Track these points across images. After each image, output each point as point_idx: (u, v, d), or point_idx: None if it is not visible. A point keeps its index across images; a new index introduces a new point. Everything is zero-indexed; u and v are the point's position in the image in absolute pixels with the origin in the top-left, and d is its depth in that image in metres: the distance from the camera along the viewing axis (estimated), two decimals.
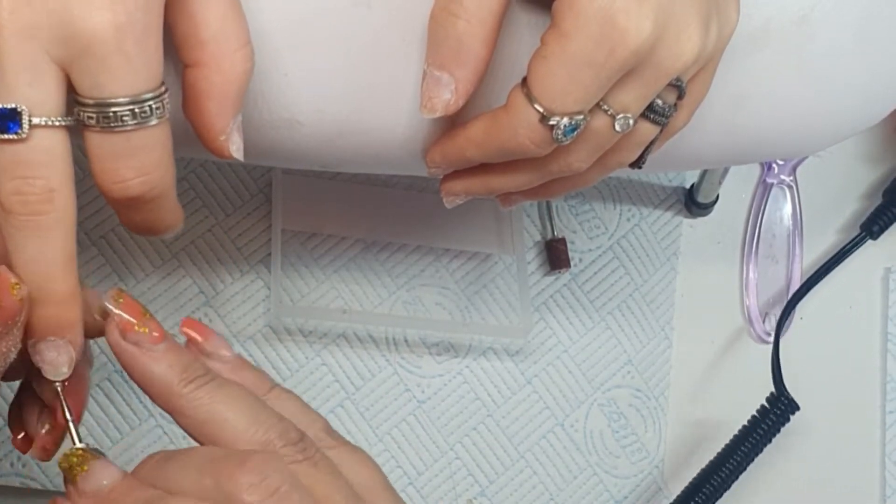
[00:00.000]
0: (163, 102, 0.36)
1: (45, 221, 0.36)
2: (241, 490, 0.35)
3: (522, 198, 0.48)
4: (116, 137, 0.36)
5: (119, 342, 0.38)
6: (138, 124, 0.36)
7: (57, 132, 0.35)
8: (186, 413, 0.38)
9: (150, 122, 0.36)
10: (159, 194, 0.38)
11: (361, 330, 0.69)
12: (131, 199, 0.37)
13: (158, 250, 0.66)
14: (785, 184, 0.78)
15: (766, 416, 0.67)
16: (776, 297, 0.77)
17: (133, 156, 0.36)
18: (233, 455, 0.36)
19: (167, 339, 0.39)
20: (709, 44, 0.41)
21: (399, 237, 0.70)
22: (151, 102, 0.36)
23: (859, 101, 0.51)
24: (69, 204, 0.36)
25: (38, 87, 0.35)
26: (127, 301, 0.38)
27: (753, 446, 0.67)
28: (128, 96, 0.35)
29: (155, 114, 0.36)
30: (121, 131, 0.36)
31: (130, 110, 0.35)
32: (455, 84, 0.40)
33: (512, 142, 0.41)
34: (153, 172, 0.37)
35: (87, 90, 0.35)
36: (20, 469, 0.63)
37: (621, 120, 0.41)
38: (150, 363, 0.38)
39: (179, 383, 0.38)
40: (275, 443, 0.38)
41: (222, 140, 0.39)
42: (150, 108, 0.36)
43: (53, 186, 0.36)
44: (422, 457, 0.69)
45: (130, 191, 0.37)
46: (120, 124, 0.35)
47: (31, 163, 0.35)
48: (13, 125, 0.35)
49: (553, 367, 0.72)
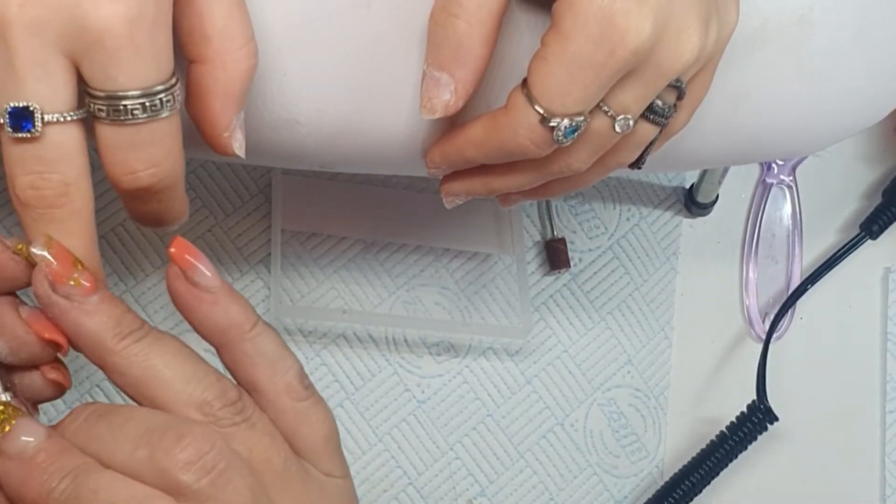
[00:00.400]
0: (173, 95, 0.36)
1: (61, 214, 0.36)
2: (177, 468, 0.35)
3: (522, 197, 0.48)
4: (127, 129, 0.36)
5: (49, 295, 0.37)
6: (149, 117, 0.36)
7: (70, 127, 0.36)
8: (120, 370, 0.37)
9: (161, 114, 0.36)
10: (169, 185, 0.38)
11: (361, 330, 0.69)
12: (141, 191, 0.37)
13: (158, 250, 0.66)
14: (784, 184, 0.78)
15: (743, 425, 0.68)
16: (776, 297, 0.77)
17: (143, 148, 0.36)
18: (170, 428, 0.35)
19: (100, 289, 0.37)
20: (708, 44, 0.41)
21: (399, 237, 0.70)
22: (162, 95, 0.36)
23: (858, 101, 0.51)
24: (85, 196, 0.37)
25: (50, 81, 0.35)
26: (58, 248, 0.37)
27: (727, 454, 0.68)
28: (139, 89, 0.35)
29: (166, 106, 0.36)
30: (131, 124, 0.36)
31: (141, 103, 0.35)
32: (455, 85, 0.40)
33: (512, 143, 0.41)
34: (163, 164, 0.37)
35: (98, 83, 0.35)
36: None
37: (621, 121, 0.41)
38: (81, 317, 0.37)
39: (113, 339, 0.37)
40: (212, 403, 0.37)
41: (226, 137, 0.39)
42: (160, 101, 0.36)
43: (69, 181, 0.36)
44: (422, 457, 0.69)
45: (140, 182, 0.37)
46: (131, 117, 0.35)
47: (46, 159, 0.35)
48: (26, 124, 0.35)
49: (553, 367, 0.72)
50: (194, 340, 0.65)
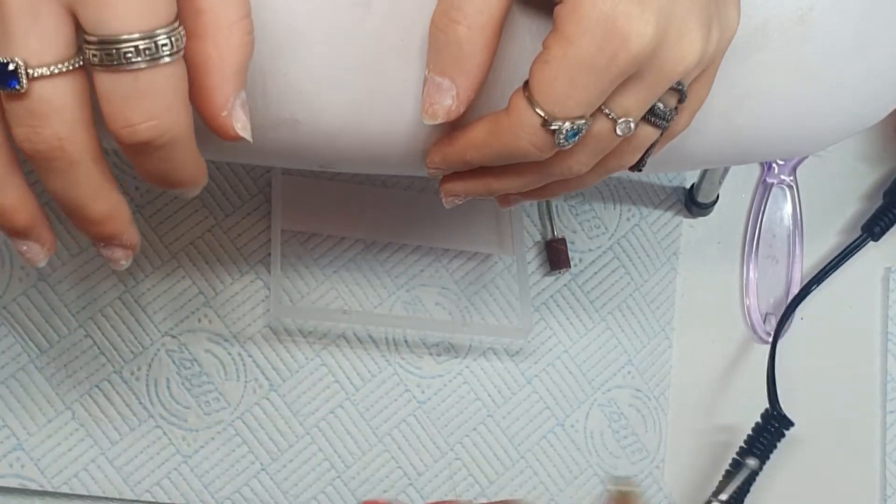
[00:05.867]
0: (172, 39, 0.34)
1: (60, 165, 0.36)
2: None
3: (521, 198, 0.48)
4: (123, 77, 0.34)
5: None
6: (146, 62, 0.34)
7: (60, 80, 0.35)
8: None
9: (160, 60, 0.34)
10: (171, 140, 0.36)
11: (361, 330, 0.69)
12: (141, 145, 0.36)
13: (158, 251, 0.66)
14: (785, 184, 0.78)
15: (760, 436, 0.68)
16: (777, 297, 0.77)
17: (142, 98, 0.35)
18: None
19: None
20: (710, 47, 0.41)
21: (399, 237, 0.70)
22: (160, 38, 0.34)
23: (859, 101, 0.51)
24: (84, 147, 0.36)
25: (39, 32, 0.34)
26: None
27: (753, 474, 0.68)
28: (132, 32, 0.34)
29: (163, 51, 0.34)
30: (127, 71, 0.34)
31: (135, 47, 0.34)
32: (456, 90, 0.40)
33: (513, 146, 0.41)
34: (164, 117, 0.35)
35: (91, 27, 0.34)
36: (19, 470, 0.63)
37: (622, 124, 0.41)
38: None
39: None
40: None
41: (224, 117, 0.37)
42: (155, 45, 0.34)
43: (61, 135, 0.35)
44: (422, 457, 0.69)
45: (139, 135, 0.35)
46: (125, 62, 0.34)
47: (35, 113, 0.35)
48: (11, 81, 0.34)
49: (553, 368, 0.72)
50: (195, 342, 0.66)
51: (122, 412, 0.64)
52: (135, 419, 0.65)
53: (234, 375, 0.66)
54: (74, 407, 0.64)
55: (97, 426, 0.64)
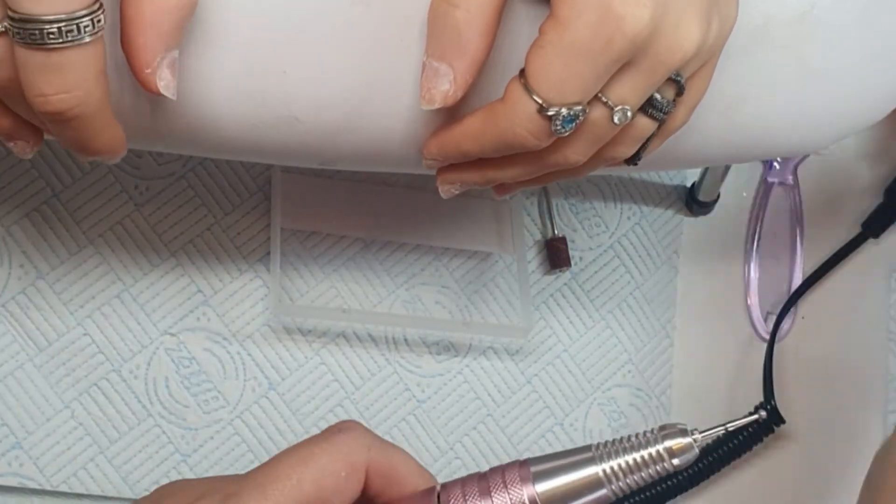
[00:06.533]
0: (93, 20, 0.35)
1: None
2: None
3: (517, 187, 0.48)
4: (38, 53, 0.35)
5: None
6: (65, 43, 0.35)
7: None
8: None
9: (80, 41, 0.35)
10: (82, 113, 0.37)
11: (361, 329, 0.69)
12: (53, 114, 0.37)
13: (156, 249, 0.66)
14: (786, 182, 0.78)
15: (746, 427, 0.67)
16: (778, 295, 0.77)
17: (53, 72, 0.36)
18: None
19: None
20: (709, 38, 0.40)
21: (398, 236, 0.70)
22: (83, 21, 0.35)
23: (859, 100, 0.51)
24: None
25: None
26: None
27: (729, 452, 0.68)
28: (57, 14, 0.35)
29: (85, 32, 0.35)
30: (42, 48, 0.35)
31: (58, 28, 0.35)
32: (454, 75, 0.40)
33: (510, 134, 0.40)
34: (74, 91, 0.36)
35: (14, 4, 0.35)
36: (18, 468, 0.63)
37: (619, 112, 0.41)
38: None
39: None
40: None
41: (147, 73, 0.38)
42: (77, 27, 0.35)
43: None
44: (422, 457, 0.69)
45: (50, 106, 0.36)
46: (42, 41, 0.35)
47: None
48: None
49: (553, 367, 0.72)
50: (194, 341, 0.65)
51: (120, 411, 0.64)
52: (134, 418, 0.64)
53: (233, 374, 0.66)
54: (73, 405, 0.64)
55: (96, 425, 0.64)
